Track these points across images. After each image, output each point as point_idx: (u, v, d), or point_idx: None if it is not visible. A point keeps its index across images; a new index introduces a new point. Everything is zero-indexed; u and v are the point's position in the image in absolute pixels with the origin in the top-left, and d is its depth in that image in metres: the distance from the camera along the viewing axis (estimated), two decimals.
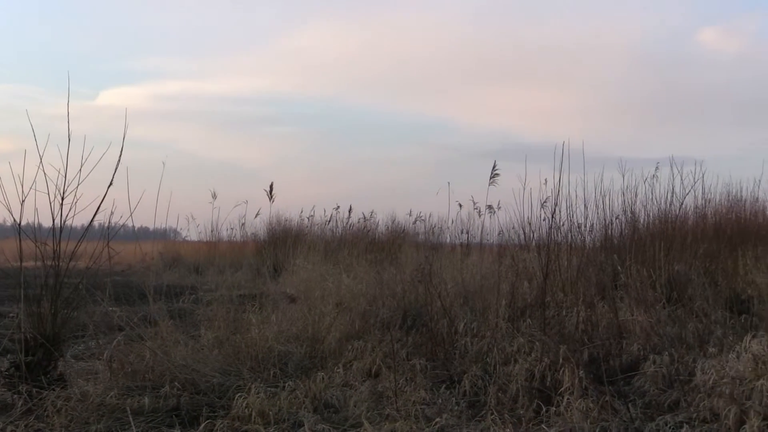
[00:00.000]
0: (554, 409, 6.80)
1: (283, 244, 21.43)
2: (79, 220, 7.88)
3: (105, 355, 7.97)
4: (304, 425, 6.50)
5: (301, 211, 23.46)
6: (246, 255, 23.05)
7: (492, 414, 6.75)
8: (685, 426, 6.33)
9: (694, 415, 6.61)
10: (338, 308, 10.09)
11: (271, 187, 19.22)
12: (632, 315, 9.67)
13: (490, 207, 12.88)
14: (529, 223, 12.56)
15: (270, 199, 19.35)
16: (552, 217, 11.27)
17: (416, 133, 39.78)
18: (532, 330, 9.10)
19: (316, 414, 6.93)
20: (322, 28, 40.72)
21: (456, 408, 7.15)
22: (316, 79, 42.14)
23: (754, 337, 7.67)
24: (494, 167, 10.77)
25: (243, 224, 24.05)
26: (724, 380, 6.85)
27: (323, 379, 7.72)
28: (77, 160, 7.44)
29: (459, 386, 7.79)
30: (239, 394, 7.04)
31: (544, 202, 11.83)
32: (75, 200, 7.63)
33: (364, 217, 22.49)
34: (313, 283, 12.59)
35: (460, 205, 14.96)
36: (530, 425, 6.60)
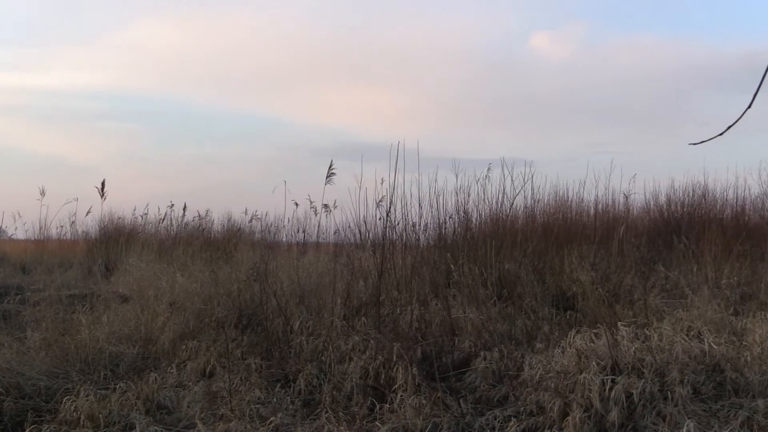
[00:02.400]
0: (388, 406, 6.89)
1: (115, 243, 20.83)
2: None
3: None
4: (135, 428, 6.37)
5: (135, 209, 22.85)
6: (77, 254, 22.27)
7: (327, 412, 6.80)
8: (513, 420, 6.53)
9: (522, 409, 6.83)
10: (172, 308, 9.90)
11: (102, 184, 18.61)
12: (464, 312, 9.88)
13: (326, 206, 12.89)
14: (365, 222, 12.65)
15: (102, 197, 18.75)
16: (387, 216, 11.39)
17: (254, 131, 39.47)
18: (367, 328, 9.18)
19: (149, 416, 6.80)
20: (157, 23, 39.83)
21: (291, 407, 7.15)
22: (151, 74, 41.19)
23: (577, 332, 7.98)
24: (331, 166, 10.79)
25: (73, 222, 23.18)
26: (550, 374, 7.11)
27: (156, 380, 7.58)
28: None
29: (294, 385, 7.79)
30: (67, 397, 6.82)
31: (380, 201, 11.95)
32: None
33: (199, 216, 22.12)
34: (146, 283, 12.31)
35: (297, 204, 14.94)
36: (364, 422, 6.66)
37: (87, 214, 21.87)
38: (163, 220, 22.40)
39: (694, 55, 38.00)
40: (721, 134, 2.97)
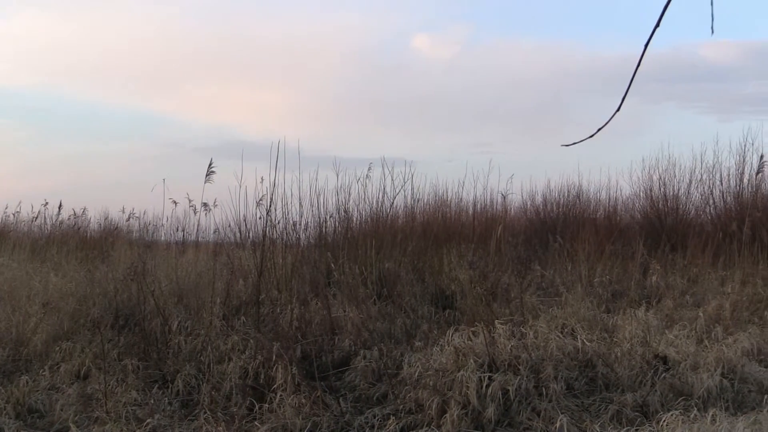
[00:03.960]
0: (267, 405, 6.86)
1: None
2: None
3: None
4: None
5: (6, 207, 22.07)
6: None
7: (205, 413, 6.73)
8: (392, 418, 6.58)
9: (401, 407, 6.89)
10: (45, 308, 9.61)
11: None
12: (344, 311, 9.91)
13: (206, 204, 12.70)
14: (245, 221, 12.56)
15: None
16: (267, 214, 11.34)
17: (137, 128, 38.52)
18: (246, 328, 9.13)
19: (19, 420, 6.62)
20: (41, 15, 38.53)
21: (169, 408, 7.06)
22: (30, 68, 39.77)
23: (456, 330, 8.10)
24: (210, 164, 10.66)
25: None
26: (429, 372, 7.19)
27: (27, 383, 7.36)
28: None
29: (172, 386, 7.69)
30: None
31: (260, 200, 11.88)
32: None
33: (75, 214, 21.51)
34: (18, 283, 11.91)
35: (176, 203, 14.68)
36: (243, 422, 6.62)
37: None
38: (36, 218, 21.71)
39: (572, 58, 38.90)
40: (591, 136, 3.06)
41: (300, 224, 13.32)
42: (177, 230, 17.48)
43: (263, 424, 6.52)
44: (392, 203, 14.28)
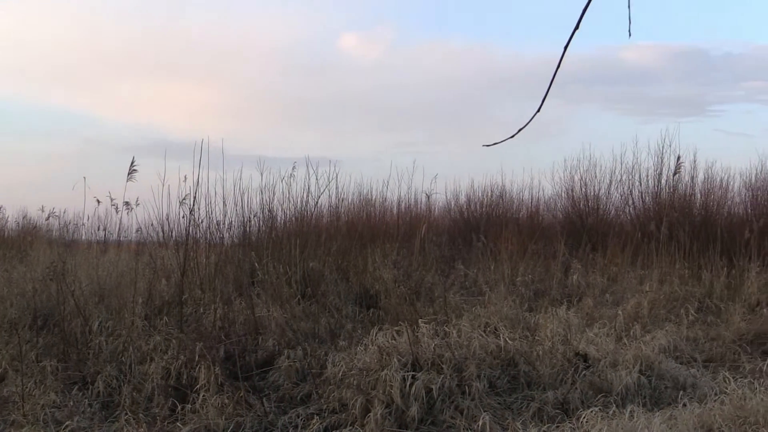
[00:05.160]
0: (190, 406, 6.80)
1: None
2: None
3: None
4: None
5: None
6: None
7: (126, 414, 6.65)
8: (316, 417, 6.57)
9: (325, 407, 6.89)
10: None
11: None
12: (268, 311, 9.87)
13: (128, 203, 12.50)
14: (168, 220, 12.41)
15: None
16: (191, 213, 11.23)
17: (56, 126, 37.74)
18: (169, 328, 9.03)
19: None
20: None
21: (89, 410, 6.95)
22: None
23: (380, 329, 8.11)
24: (132, 163, 10.50)
25: None
26: (353, 372, 7.20)
27: None
28: None
29: (92, 387, 7.55)
30: None
31: (184, 199, 11.74)
32: None
33: None
34: None
35: (98, 201, 14.43)
36: (165, 424, 6.56)
37: None
38: None
39: (497, 60, 39.29)
40: (512, 137, 3.10)
41: (224, 223, 13.23)
42: (98, 229, 17.20)
43: (185, 425, 6.47)
44: (317, 202, 14.28)
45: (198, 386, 7.15)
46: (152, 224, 12.95)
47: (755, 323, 10.73)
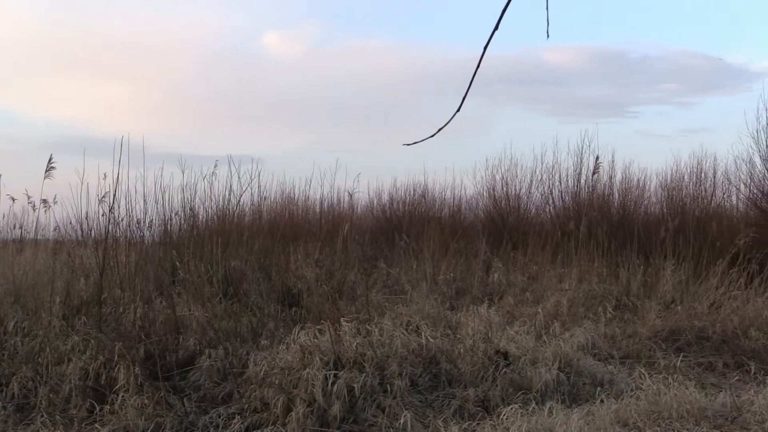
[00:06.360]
0: (108, 407, 6.72)
1: None
2: None
3: None
4: None
5: None
6: None
7: (42, 416, 6.54)
8: (237, 417, 6.54)
9: (246, 406, 6.86)
10: None
11: None
12: (190, 310, 9.77)
13: (45, 201, 12.26)
14: (87, 219, 12.20)
15: None
16: (111, 212, 11.06)
17: None
18: (88, 328, 8.89)
19: None
20: None
21: (3, 412, 6.82)
22: None
23: (302, 328, 8.11)
24: (50, 160, 10.32)
25: None
26: (275, 371, 7.18)
27: None
28: None
29: (7, 389, 7.39)
30: None
31: (103, 197, 11.55)
32: None
33: None
34: None
35: (13, 199, 14.11)
36: (83, 425, 6.47)
37: None
38: None
39: (420, 60, 39.42)
40: (432, 136, 3.13)
41: (144, 222, 13.05)
42: (14, 228, 16.83)
43: (104, 426, 6.39)
44: (239, 201, 14.17)
45: (117, 387, 7.06)
46: (71, 223, 12.72)
47: (670, 320, 10.98)
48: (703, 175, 17.10)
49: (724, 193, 17.14)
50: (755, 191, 16.06)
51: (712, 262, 12.79)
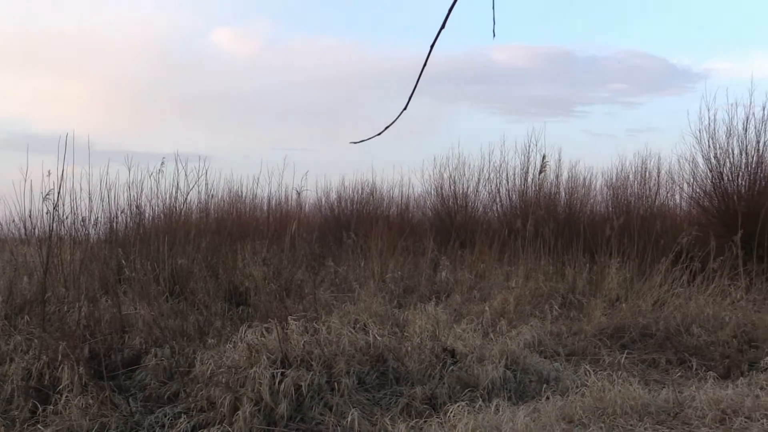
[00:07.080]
0: (52, 407, 6.63)
1: None
2: None
3: None
4: None
5: None
6: None
7: None
8: (183, 416, 6.49)
9: (193, 405, 6.80)
10: None
11: None
12: (136, 309, 9.70)
13: None
14: (30, 216, 12.05)
15: None
16: (55, 209, 10.93)
17: None
18: (31, 327, 8.79)
19: None
20: None
21: None
22: None
23: (249, 327, 8.06)
24: None
25: None
26: (221, 370, 7.13)
27: None
28: None
29: None
30: None
31: (47, 194, 11.41)
32: None
33: None
34: None
35: None
36: (25, 426, 6.37)
37: None
38: None
39: (368, 58, 39.43)
40: (379, 134, 3.13)
41: (90, 220, 12.91)
42: None
43: (47, 427, 6.30)
44: (186, 199, 14.08)
45: (61, 387, 6.97)
46: (14, 221, 12.58)
47: (615, 318, 11.12)
48: (647, 174, 17.34)
49: (668, 192, 17.39)
50: (698, 190, 16.30)
51: (656, 260, 12.94)
